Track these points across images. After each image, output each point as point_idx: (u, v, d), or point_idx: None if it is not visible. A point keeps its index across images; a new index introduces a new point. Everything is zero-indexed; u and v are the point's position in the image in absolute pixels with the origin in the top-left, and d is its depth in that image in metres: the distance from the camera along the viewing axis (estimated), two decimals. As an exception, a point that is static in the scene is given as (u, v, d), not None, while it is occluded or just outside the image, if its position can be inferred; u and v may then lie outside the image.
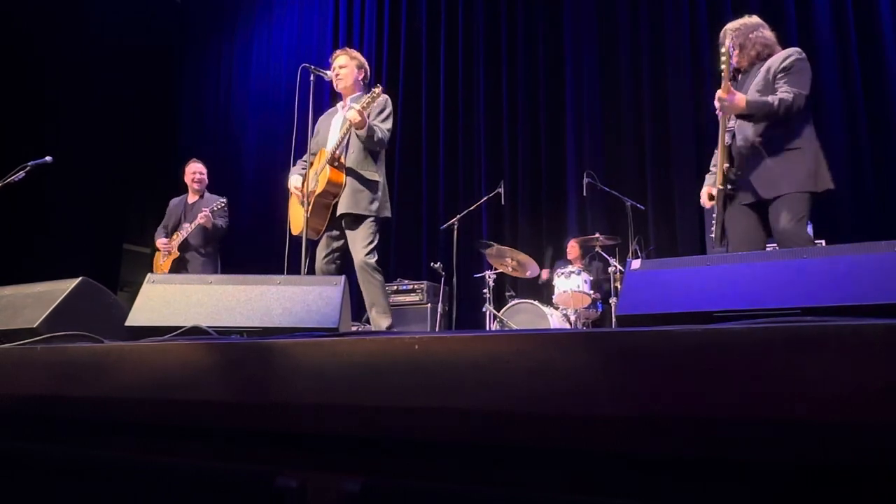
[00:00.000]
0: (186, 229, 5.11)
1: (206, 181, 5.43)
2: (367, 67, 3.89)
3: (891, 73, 5.11)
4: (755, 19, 3.07)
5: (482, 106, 7.00)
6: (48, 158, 4.43)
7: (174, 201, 5.47)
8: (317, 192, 3.53)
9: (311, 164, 3.78)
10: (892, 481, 0.73)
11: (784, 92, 2.78)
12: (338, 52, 3.90)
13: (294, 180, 3.73)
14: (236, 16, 9.05)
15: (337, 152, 3.54)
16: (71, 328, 1.69)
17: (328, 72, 4.00)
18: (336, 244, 3.64)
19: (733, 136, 2.97)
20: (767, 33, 3.01)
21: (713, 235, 3.12)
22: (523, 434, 0.90)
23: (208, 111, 9.01)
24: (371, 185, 3.56)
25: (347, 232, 3.56)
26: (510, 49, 6.95)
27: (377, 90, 3.49)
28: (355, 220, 3.52)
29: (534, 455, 0.92)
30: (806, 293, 1.39)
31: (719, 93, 2.80)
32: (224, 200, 5.23)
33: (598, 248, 5.64)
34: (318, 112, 4.02)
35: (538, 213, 6.61)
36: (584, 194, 5.67)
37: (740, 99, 2.79)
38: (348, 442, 1.06)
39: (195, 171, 5.38)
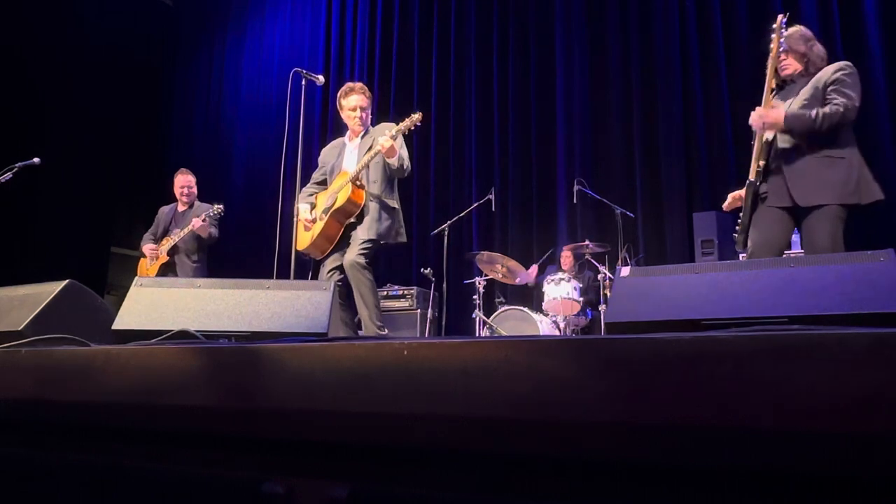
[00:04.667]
0: (177, 234, 5.05)
1: (196, 192, 5.32)
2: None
3: (876, 81, 5.17)
4: (806, 29, 2.98)
5: (473, 112, 7.02)
6: (36, 160, 4.40)
7: (164, 209, 5.38)
8: (334, 208, 3.55)
9: (326, 185, 3.80)
10: (875, 491, 0.73)
11: (832, 105, 2.69)
12: (351, 87, 3.78)
13: (303, 210, 3.73)
14: (227, 20, 9.04)
15: (359, 175, 3.58)
16: (57, 331, 1.68)
17: (320, 76, 4.01)
18: (342, 262, 3.63)
19: (774, 135, 2.86)
20: (821, 47, 2.94)
21: (735, 237, 3.00)
22: (511, 440, 0.90)
23: (198, 115, 8.98)
24: (392, 213, 3.66)
25: (353, 240, 3.58)
26: (501, 56, 6.99)
27: (416, 116, 3.50)
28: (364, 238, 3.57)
29: (522, 461, 0.92)
30: (793, 302, 1.40)
31: (759, 110, 2.70)
32: (221, 207, 5.15)
33: (587, 256, 5.66)
34: (310, 117, 4.03)
35: (529, 220, 6.63)
36: (575, 202, 5.70)
37: (778, 115, 2.68)
38: (336, 448, 1.06)
39: (183, 183, 5.25)
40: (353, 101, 3.74)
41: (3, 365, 1.42)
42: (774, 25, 2.71)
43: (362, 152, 3.67)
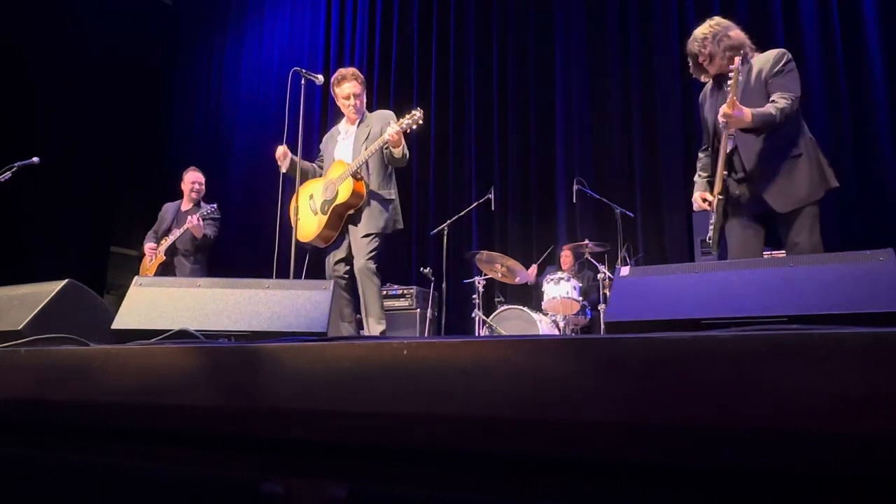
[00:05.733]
0: (175, 234, 5.06)
1: (204, 191, 5.38)
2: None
3: (875, 76, 5.17)
4: (718, 23, 3.03)
5: (473, 111, 7.02)
6: (35, 159, 4.40)
7: (168, 206, 5.40)
8: (336, 202, 3.59)
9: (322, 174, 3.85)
10: (875, 491, 0.73)
11: (782, 99, 2.77)
12: (343, 75, 3.83)
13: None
14: (227, 19, 9.04)
15: (359, 170, 3.62)
16: (56, 331, 1.68)
17: (319, 76, 4.02)
18: (347, 252, 3.70)
19: (734, 147, 2.92)
20: (734, 34, 2.98)
21: (709, 239, 3.09)
22: (511, 440, 0.90)
23: (198, 115, 8.98)
24: (390, 204, 3.73)
25: (356, 239, 3.64)
26: (501, 55, 6.98)
27: (418, 115, 3.56)
28: (366, 234, 3.62)
29: (521, 461, 0.92)
30: (792, 301, 1.40)
31: (724, 108, 2.72)
32: (214, 206, 5.17)
33: (587, 255, 5.66)
34: (309, 116, 4.04)
35: (528, 220, 6.63)
36: (574, 201, 5.70)
37: (746, 113, 2.72)
38: (335, 447, 1.06)
39: (194, 180, 5.31)
40: (346, 89, 3.78)
41: (2, 364, 1.42)
42: (732, 66, 2.76)
43: (359, 140, 3.71)
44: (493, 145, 6.85)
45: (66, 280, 1.95)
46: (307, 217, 3.73)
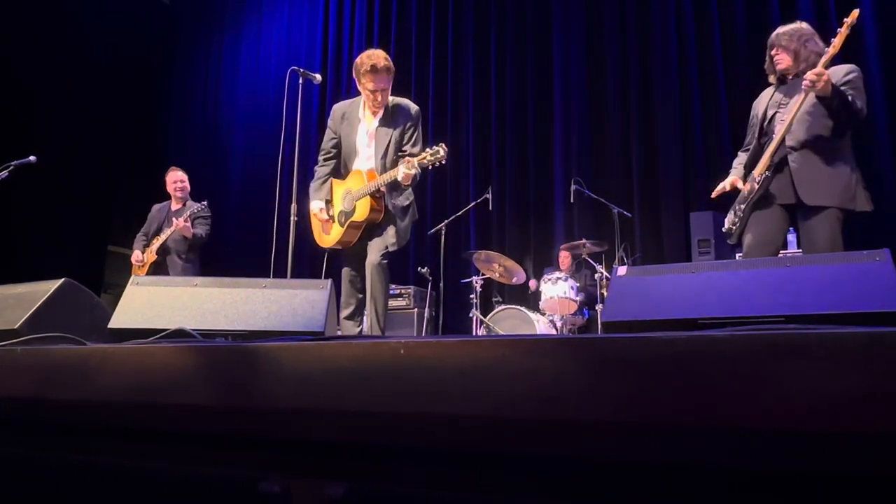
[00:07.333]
0: (167, 233, 5.05)
1: (188, 188, 5.33)
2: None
3: (873, 73, 5.18)
4: (807, 27, 3.00)
5: (471, 111, 7.02)
6: (32, 158, 4.40)
7: (157, 207, 5.39)
8: (353, 219, 3.48)
9: (336, 159, 3.71)
10: (873, 490, 0.73)
11: (859, 101, 2.75)
12: (375, 66, 3.43)
13: (315, 206, 3.63)
14: (224, 19, 9.03)
15: (378, 187, 3.48)
16: (53, 330, 1.67)
17: (317, 75, 3.99)
18: (363, 252, 3.61)
19: (782, 139, 2.88)
20: (821, 43, 2.95)
21: (726, 228, 3.04)
22: (508, 440, 0.90)
23: (196, 114, 8.97)
24: (409, 211, 3.60)
25: (374, 240, 3.55)
26: (499, 55, 6.99)
27: (442, 152, 3.34)
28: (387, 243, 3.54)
29: (518, 461, 0.92)
30: (789, 301, 1.40)
31: (817, 70, 2.65)
32: (204, 204, 5.15)
33: (584, 255, 5.66)
34: (307, 115, 4.02)
35: (526, 219, 6.64)
36: (572, 201, 5.71)
37: (829, 81, 2.67)
38: (332, 447, 1.06)
39: (175, 179, 5.28)
40: (374, 83, 3.46)
41: (-1, 364, 1.42)
42: (847, 19, 2.71)
43: (381, 143, 3.55)
44: (490, 145, 6.85)
45: (63, 279, 1.94)
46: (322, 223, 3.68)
